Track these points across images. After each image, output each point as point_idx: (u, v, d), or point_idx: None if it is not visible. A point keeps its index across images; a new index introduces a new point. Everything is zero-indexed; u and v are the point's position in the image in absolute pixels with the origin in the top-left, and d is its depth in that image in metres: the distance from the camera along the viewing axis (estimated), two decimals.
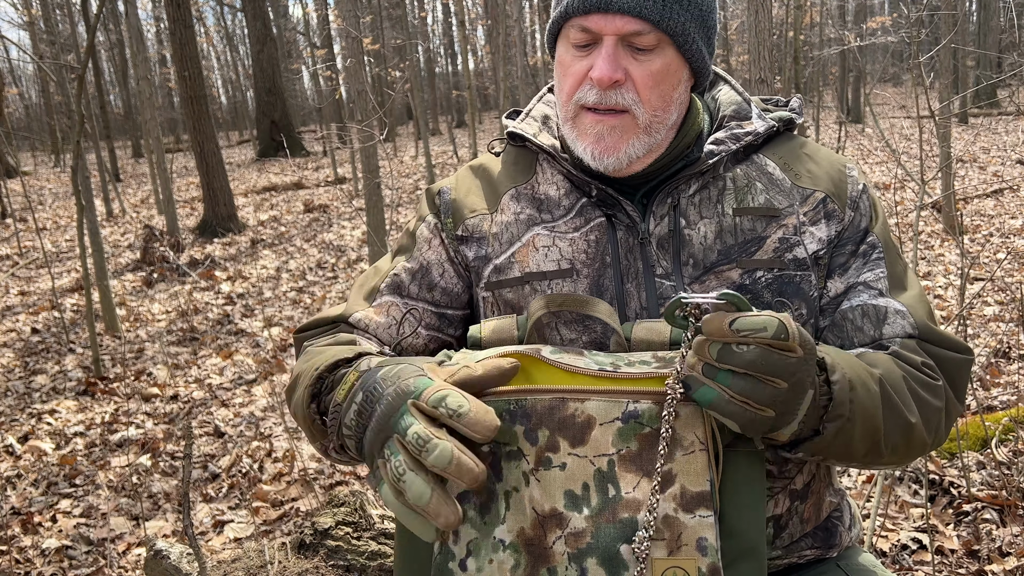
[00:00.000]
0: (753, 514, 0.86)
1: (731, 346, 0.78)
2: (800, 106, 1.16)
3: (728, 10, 17.20)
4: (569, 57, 1.04)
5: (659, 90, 1.01)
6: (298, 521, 3.00)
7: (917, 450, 0.97)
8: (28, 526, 3.15)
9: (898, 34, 6.89)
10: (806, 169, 1.09)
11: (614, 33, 0.99)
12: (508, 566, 0.84)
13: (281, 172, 16.94)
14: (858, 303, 1.05)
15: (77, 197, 4.95)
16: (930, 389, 0.98)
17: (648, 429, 0.85)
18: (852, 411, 0.87)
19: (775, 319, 0.77)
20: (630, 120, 1.02)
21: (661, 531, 0.83)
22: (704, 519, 0.83)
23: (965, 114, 14.94)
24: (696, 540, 0.82)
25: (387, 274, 1.16)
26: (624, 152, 1.02)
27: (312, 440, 1.00)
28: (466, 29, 12.91)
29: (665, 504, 0.84)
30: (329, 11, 17.59)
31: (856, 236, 1.07)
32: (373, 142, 6.07)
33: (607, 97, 1.00)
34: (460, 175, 1.20)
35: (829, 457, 0.91)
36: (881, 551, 2.34)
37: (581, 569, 0.83)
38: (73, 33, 14.60)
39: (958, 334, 3.28)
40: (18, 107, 32.56)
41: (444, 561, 0.87)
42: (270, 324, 6.05)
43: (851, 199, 1.08)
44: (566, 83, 1.05)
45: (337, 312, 1.14)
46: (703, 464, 0.84)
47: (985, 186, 8.66)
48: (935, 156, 6.77)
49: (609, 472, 0.85)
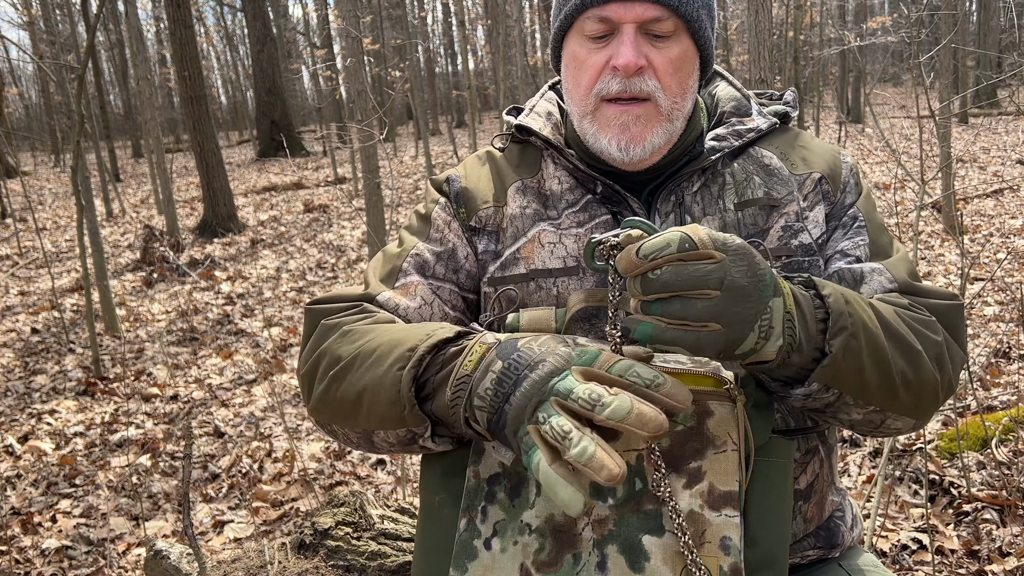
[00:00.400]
0: (777, 526, 0.85)
1: (647, 275, 0.75)
2: (794, 99, 1.17)
3: (728, 10, 17.20)
4: (584, 51, 1.03)
5: (678, 76, 1.02)
6: (298, 521, 3.00)
7: (929, 386, 0.92)
8: (28, 526, 3.15)
9: (898, 34, 6.89)
10: (801, 157, 1.10)
11: (634, 20, 0.99)
12: (532, 549, 0.85)
13: (281, 172, 16.93)
14: (834, 269, 1.05)
15: (77, 197, 4.94)
16: (924, 323, 0.95)
17: (681, 427, 0.86)
18: (853, 324, 0.84)
19: (676, 232, 0.74)
20: (652, 108, 1.02)
21: (684, 527, 0.83)
22: (730, 519, 0.83)
23: (965, 114, 14.93)
24: (720, 539, 0.82)
25: (407, 254, 1.10)
26: (649, 141, 1.02)
27: (380, 426, 0.91)
28: (466, 29, 12.92)
29: (692, 500, 0.84)
30: (329, 11, 17.60)
31: (840, 212, 1.08)
32: (373, 142, 6.07)
33: (631, 85, 1.00)
34: (468, 163, 1.18)
35: (844, 389, 0.86)
36: (881, 551, 2.34)
37: (602, 555, 0.84)
38: (73, 33, 14.60)
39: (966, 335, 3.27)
40: (18, 107, 32.56)
41: (470, 538, 0.88)
42: (270, 324, 6.05)
43: (844, 182, 1.10)
44: (583, 76, 1.03)
45: (358, 291, 1.08)
46: (734, 464, 0.84)
47: (985, 186, 8.66)
48: (935, 156, 6.77)
49: (637, 466, 0.86)
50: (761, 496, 0.86)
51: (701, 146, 1.09)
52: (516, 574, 0.85)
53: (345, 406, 0.94)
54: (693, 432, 0.86)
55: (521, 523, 0.87)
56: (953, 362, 0.98)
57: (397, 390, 0.86)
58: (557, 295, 1.04)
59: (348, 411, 0.94)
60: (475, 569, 0.86)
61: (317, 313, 1.04)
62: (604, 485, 0.73)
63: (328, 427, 1.00)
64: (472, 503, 0.89)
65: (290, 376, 4.80)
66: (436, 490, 0.94)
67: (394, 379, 0.87)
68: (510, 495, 0.88)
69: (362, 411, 0.91)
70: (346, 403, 0.93)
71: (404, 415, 0.87)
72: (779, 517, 0.86)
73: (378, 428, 0.91)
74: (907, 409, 0.93)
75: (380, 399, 0.88)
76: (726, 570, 0.81)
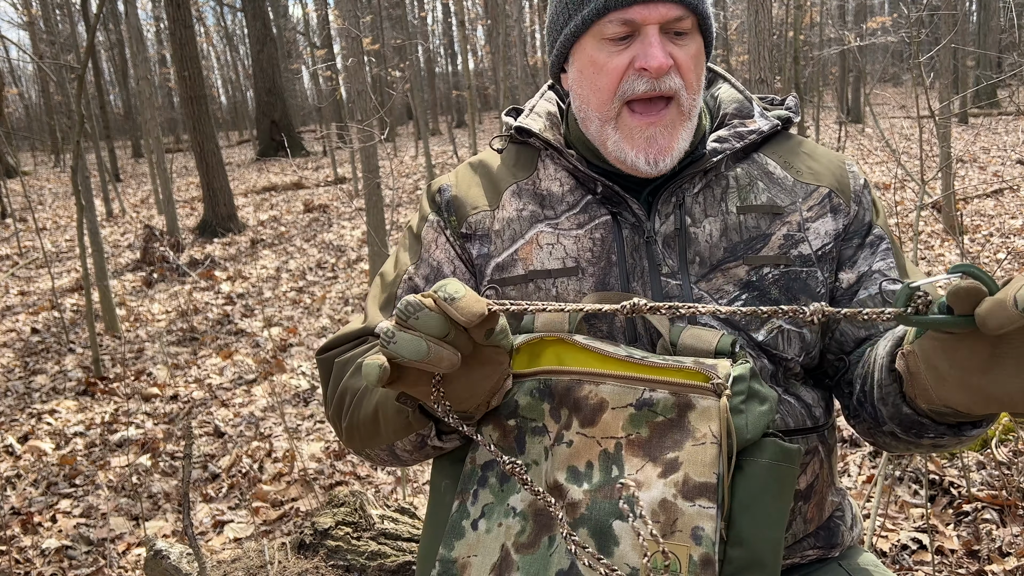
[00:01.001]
0: (769, 529, 0.85)
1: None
2: (797, 105, 1.17)
3: (728, 10, 17.20)
4: (604, 54, 1.02)
5: (696, 72, 1.04)
6: (298, 521, 3.00)
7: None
8: (28, 526, 3.15)
9: (898, 34, 6.89)
10: (807, 166, 1.10)
11: (658, 21, 0.99)
12: (514, 531, 0.89)
13: (281, 172, 16.94)
14: (876, 291, 1.06)
15: (77, 197, 4.94)
16: None
17: (662, 418, 0.87)
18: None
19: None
20: (675, 110, 1.02)
21: (656, 514, 0.83)
22: (704, 510, 0.83)
23: (965, 114, 14.94)
24: (692, 528, 0.83)
25: (400, 280, 1.14)
26: (676, 148, 1.04)
27: (396, 436, 0.97)
28: (466, 29, 12.91)
29: (665, 489, 0.84)
30: (329, 11, 17.58)
31: (861, 229, 1.09)
32: (373, 142, 6.07)
33: (660, 84, 1.00)
34: (459, 172, 1.19)
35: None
36: (881, 551, 2.34)
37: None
38: (73, 33, 14.60)
39: None
40: (18, 107, 32.56)
41: (459, 518, 0.92)
42: (270, 324, 6.05)
43: (854, 193, 1.09)
44: (603, 80, 1.02)
45: (358, 326, 1.12)
46: (712, 457, 0.84)
47: (985, 186, 8.66)
48: (935, 156, 6.77)
49: (615, 455, 0.87)
50: (753, 498, 0.85)
51: (703, 148, 1.09)
52: (497, 554, 0.89)
53: (368, 427, 1.00)
54: (673, 423, 0.87)
55: (507, 506, 0.90)
56: None
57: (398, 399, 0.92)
58: (556, 296, 1.04)
59: (371, 431, 1.00)
60: (460, 547, 0.91)
61: (328, 359, 1.11)
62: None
63: (363, 453, 1.06)
64: (466, 486, 0.94)
65: (290, 376, 4.80)
66: (444, 475, 1.00)
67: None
68: (500, 480, 0.92)
69: (380, 427, 0.98)
70: (367, 424, 1.00)
71: (409, 420, 0.92)
72: (772, 520, 0.85)
73: (395, 439, 0.97)
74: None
75: (389, 411, 0.94)
76: (696, 559, 0.81)
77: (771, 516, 0.85)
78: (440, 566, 0.91)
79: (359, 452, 1.07)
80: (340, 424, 1.06)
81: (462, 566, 0.90)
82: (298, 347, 5.44)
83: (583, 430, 0.89)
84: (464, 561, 0.90)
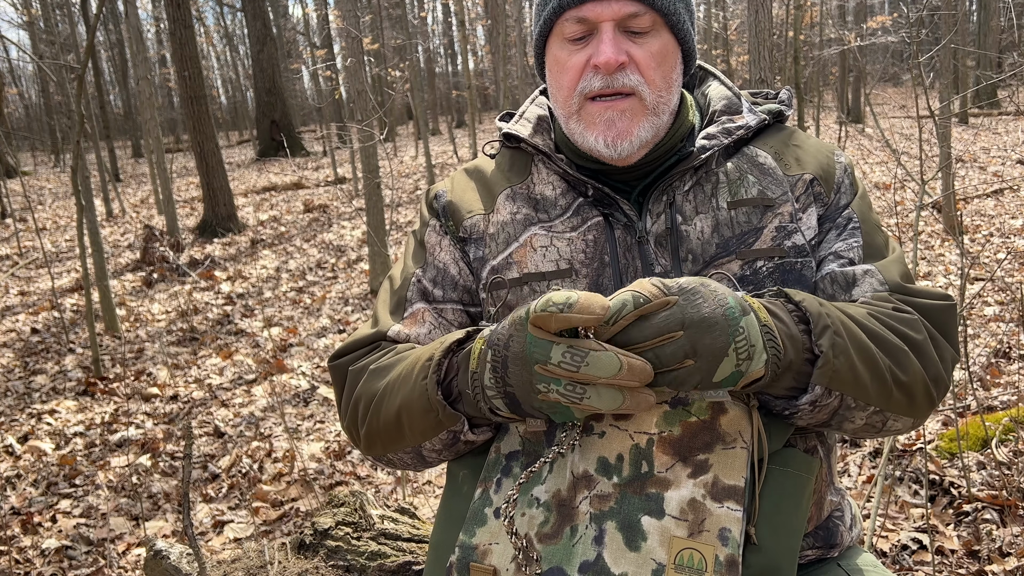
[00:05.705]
0: (787, 538, 0.87)
1: (615, 337, 0.80)
2: (790, 97, 1.17)
3: (728, 10, 17.18)
4: (565, 53, 1.04)
5: (661, 70, 1.03)
6: (298, 521, 3.01)
7: (919, 383, 0.95)
8: (28, 526, 3.15)
9: (898, 34, 6.89)
10: (795, 157, 1.11)
11: (611, 18, 1.00)
12: (538, 521, 0.90)
13: (281, 172, 16.93)
14: (827, 271, 1.06)
15: (77, 197, 4.94)
16: (905, 322, 0.97)
17: (695, 419, 0.89)
18: (833, 322, 0.87)
19: (627, 293, 0.79)
20: (637, 102, 1.03)
21: (685, 512, 0.85)
22: (732, 512, 0.84)
23: (965, 114, 14.93)
24: (719, 529, 0.84)
25: (409, 284, 1.15)
26: (636, 135, 1.04)
27: (423, 437, 0.97)
28: (466, 29, 12.92)
29: (695, 489, 0.86)
30: (329, 11, 17.59)
31: (835, 214, 1.09)
32: (373, 142, 6.07)
33: (613, 80, 1.01)
34: (455, 177, 1.21)
35: (844, 390, 0.88)
36: (881, 551, 2.34)
37: (600, 530, 0.87)
38: (73, 33, 14.59)
39: (958, 335, 3.27)
40: (18, 107, 32.56)
41: (481, 506, 0.93)
42: (270, 324, 6.05)
43: (837, 183, 1.10)
44: (565, 78, 1.05)
45: (370, 331, 1.12)
46: (742, 461, 0.86)
47: (985, 186, 8.65)
48: (935, 156, 6.77)
49: (647, 450, 0.89)
50: (775, 506, 0.87)
51: (692, 145, 1.10)
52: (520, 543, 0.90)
53: (390, 431, 1.00)
54: (705, 425, 0.88)
55: (531, 496, 0.91)
56: (943, 360, 0.99)
57: (427, 398, 0.93)
58: None
59: (394, 435, 1.00)
60: (482, 535, 0.92)
61: (341, 366, 1.11)
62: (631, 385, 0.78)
63: (384, 458, 1.06)
64: (489, 475, 0.95)
65: (290, 376, 4.80)
66: (462, 465, 1.00)
67: (421, 389, 0.93)
68: (524, 470, 0.93)
69: (404, 430, 0.98)
70: (389, 428, 1.00)
71: (440, 419, 0.93)
72: (790, 529, 0.87)
73: (422, 440, 0.98)
74: (904, 408, 0.95)
75: (415, 412, 0.95)
76: (722, 560, 0.83)
77: (790, 524, 0.87)
78: (460, 551, 0.92)
79: (379, 458, 1.06)
80: (358, 432, 1.05)
81: (483, 553, 0.91)
82: (298, 347, 5.44)
83: (616, 423, 0.90)
84: (485, 548, 0.91)
